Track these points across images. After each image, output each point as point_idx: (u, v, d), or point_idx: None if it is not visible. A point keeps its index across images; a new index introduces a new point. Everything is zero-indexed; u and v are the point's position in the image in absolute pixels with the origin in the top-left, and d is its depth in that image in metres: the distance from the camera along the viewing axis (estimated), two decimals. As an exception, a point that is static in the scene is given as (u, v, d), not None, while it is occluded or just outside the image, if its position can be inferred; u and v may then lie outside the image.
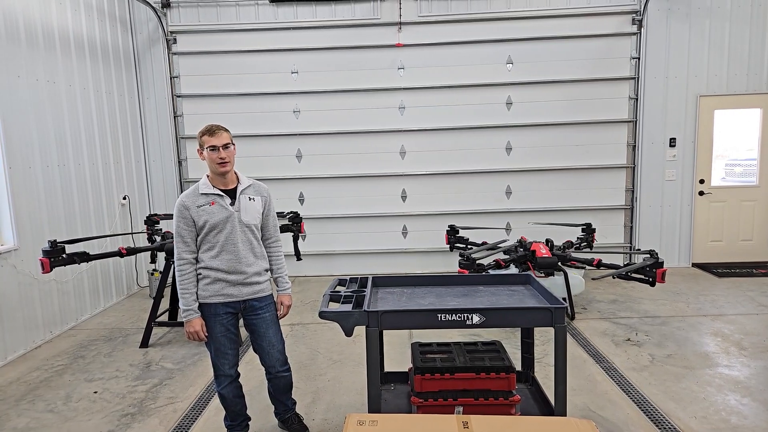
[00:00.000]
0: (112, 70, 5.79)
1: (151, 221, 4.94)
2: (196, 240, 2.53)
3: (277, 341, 2.71)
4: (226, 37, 6.32)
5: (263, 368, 2.79)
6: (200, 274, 2.55)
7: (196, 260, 2.55)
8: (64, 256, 3.89)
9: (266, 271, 2.69)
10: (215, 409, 3.23)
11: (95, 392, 3.53)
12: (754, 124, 6.35)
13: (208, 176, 2.58)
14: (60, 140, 4.86)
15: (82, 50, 5.25)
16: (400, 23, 6.22)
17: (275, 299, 2.75)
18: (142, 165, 6.40)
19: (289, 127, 6.47)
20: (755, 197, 6.43)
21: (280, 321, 2.77)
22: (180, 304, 2.54)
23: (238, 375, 2.74)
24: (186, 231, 2.50)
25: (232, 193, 2.56)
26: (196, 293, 2.54)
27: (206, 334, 2.57)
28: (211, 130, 2.50)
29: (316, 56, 6.34)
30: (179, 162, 6.55)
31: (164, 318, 4.73)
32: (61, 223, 4.81)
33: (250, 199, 2.59)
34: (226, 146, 2.50)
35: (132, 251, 4.41)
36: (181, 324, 4.61)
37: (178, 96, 6.45)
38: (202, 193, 2.52)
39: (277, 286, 2.76)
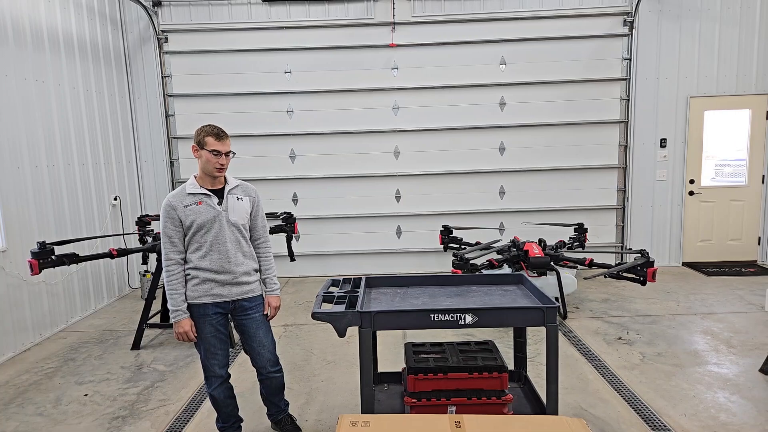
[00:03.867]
0: (102, 69, 5.73)
1: (143, 222, 4.90)
2: (184, 240, 2.51)
3: (267, 341, 2.70)
4: (218, 36, 6.29)
5: (255, 370, 2.78)
6: (189, 274, 2.52)
7: (184, 260, 2.53)
8: (53, 257, 3.84)
9: (255, 271, 2.68)
10: (208, 411, 3.21)
11: (86, 395, 3.49)
12: (743, 125, 6.43)
13: (195, 176, 2.55)
14: (49, 140, 4.80)
15: (71, 49, 5.20)
16: (394, 23, 6.22)
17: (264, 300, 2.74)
18: (133, 165, 6.35)
19: (283, 127, 6.45)
20: (744, 197, 6.51)
21: (269, 321, 2.76)
22: (168, 305, 2.51)
23: (229, 376, 2.72)
24: (173, 231, 2.47)
25: (219, 193, 2.55)
26: (185, 294, 2.52)
27: (196, 335, 2.55)
28: (218, 134, 2.47)
29: (309, 56, 6.32)
30: (171, 162, 6.51)
31: (156, 320, 4.70)
32: (50, 224, 4.75)
33: (237, 199, 2.58)
34: (227, 153, 2.50)
35: (123, 252, 4.37)
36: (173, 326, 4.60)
37: (170, 96, 6.40)
38: (189, 193, 2.49)
39: (265, 286, 2.75)
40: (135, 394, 3.48)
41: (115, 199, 5.87)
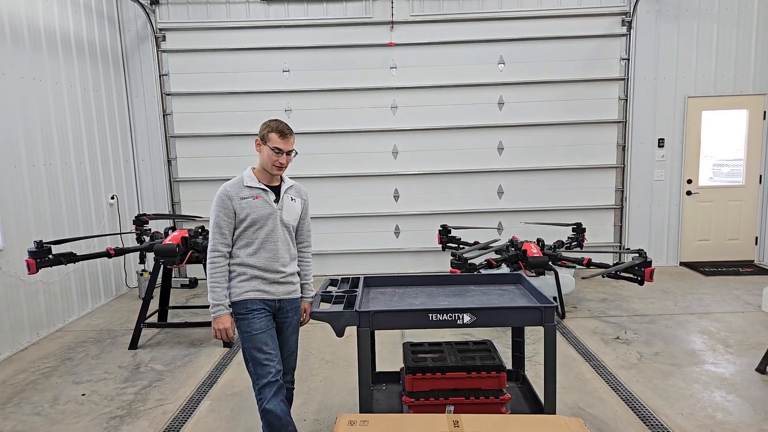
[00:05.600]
0: (99, 67, 5.71)
1: (140, 221, 4.88)
2: (233, 233, 2.41)
3: (296, 349, 2.61)
4: (216, 34, 6.27)
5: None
6: (233, 271, 2.41)
7: (229, 255, 2.42)
8: (50, 256, 3.83)
9: (297, 273, 2.58)
10: (206, 411, 3.21)
11: (83, 394, 3.48)
12: (741, 125, 6.45)
13: (253, 169, 2.47)
14: (46, 139, 4.78)
15: (68, 48, 5.18)
16: (392, 22, 6.22)
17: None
18: (130, 164, 6.33)
19: (281, 126, 6.42)
20: (742, 197, 6.53)
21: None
22: (209, 299, 2.34)
23: (283, 384, 2.42)
24: (225, 222, 2.37)
25: (275, 190, 2.48)
26: (228, 289, 2.40)
27: (234, 334, 2.41)
28: (283, 132, 2.37)
29: (307, 55, 6.31)
30: (168, 161, 6.49)
31: (154, 319, 4.69)
32: (47, 223, 4.74)
33: (291, 200, 2.52)
34: (289, 152, 2.42)
35: (120, 252, 4.36)
36: (171, 325, 4.59)
37: (168, 94, 6.38)
38: (247, 186, 2.41)
39: (302, 292, 2.63)
40: (132, 394, 3.47)
41: (113, 198, 5.85)
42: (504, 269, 4.76)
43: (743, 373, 3.54)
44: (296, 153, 2.48)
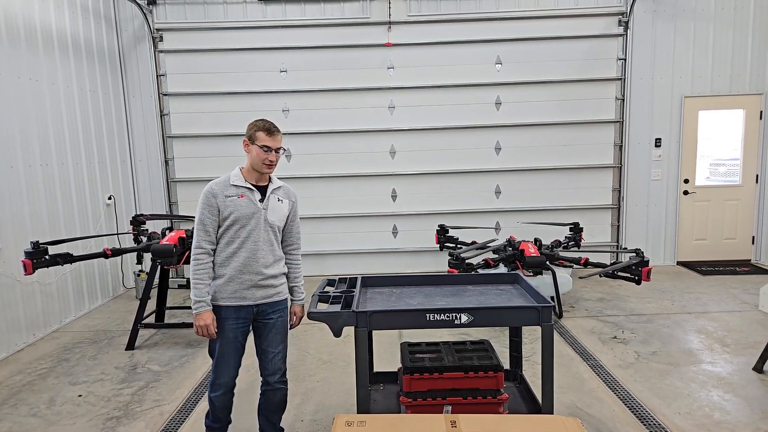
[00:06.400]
0: (96, 68, 5.69)
1: (137, 222, 4.86)
2: (218, 231, 2.43)
3: (282, 348, 2.60)
4: (213, 35, 6.26)
5: (260, 378, 2.64)
6: (214, 271, 2.45)
7: (214, 252, 2.45)
8: (47, 257, 3.82)
9: (283, 275, 2.59)
10: (202, 412, 3.19)
11: (80, 396, 3.47)
12: (738, 125, 6.47)
13: (241, 169, 2.50)
14: (43, 139, 4.76)
15: (65, 48, 5.16)
16: (390, 23, 6.22)
17: (288, 307, 2.64)
18: (127, 164, 6.31)
19: (279, 126, 6.41)
20: (739, 196, 6.55)
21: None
22: (191, 295, 2.38)
23: (234, 385, 2.60)
24: (209, 219, 2.40)
25: (262, 190, 2.50)
26: (210, 286, 2.42)
27: (216, 331, 2.43)
28: (270, 130, 2.43)
29: (305, 55, 6.31)
30: (166, 161, 6.47)
31: (151, 320, 4.67)
32: (44, 223, 4.72)
33: (278, 200, 2.53)
34: (278, 150, 2.45)
35: (117, 252, 4.34)
36: (168, 326, 4.57)
37: (165, 94, 6.37)
38: (233, 185, 2.44)
39: (292, 295, 2.65)
40: (129, 395, 3.46)
41: (110, 198, 5.83)
42: (501, 269, 4.76)
43: (740, 373, 3.55)
44: (284, 150, 2.50)
